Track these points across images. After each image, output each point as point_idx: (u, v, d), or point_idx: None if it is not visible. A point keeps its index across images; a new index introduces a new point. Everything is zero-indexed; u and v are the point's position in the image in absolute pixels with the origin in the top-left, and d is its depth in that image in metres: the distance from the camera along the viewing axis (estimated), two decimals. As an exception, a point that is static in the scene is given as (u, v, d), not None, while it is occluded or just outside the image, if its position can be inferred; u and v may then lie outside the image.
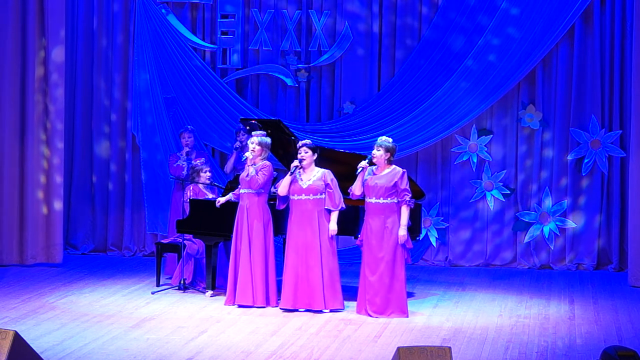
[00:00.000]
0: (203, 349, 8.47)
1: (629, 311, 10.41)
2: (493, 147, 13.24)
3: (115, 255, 13.74)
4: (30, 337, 8.11)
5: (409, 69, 13.17)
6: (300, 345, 8.68)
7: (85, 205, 13.88)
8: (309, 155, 10.23)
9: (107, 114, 13.78)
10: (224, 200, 10.79)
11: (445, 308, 10.47)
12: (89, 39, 13.71)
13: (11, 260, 12.66)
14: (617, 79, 12.91)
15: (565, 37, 12.93)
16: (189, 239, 11.24)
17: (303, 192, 10.18)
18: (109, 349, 8.43)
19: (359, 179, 10.05)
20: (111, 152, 13.79)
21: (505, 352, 8.55)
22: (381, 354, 8.39)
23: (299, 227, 10.16)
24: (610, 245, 13.06)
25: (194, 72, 13.48)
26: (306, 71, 13.52)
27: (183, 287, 11.11)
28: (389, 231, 9.96)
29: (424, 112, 13.09)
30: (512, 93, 13.16)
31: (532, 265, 13.15)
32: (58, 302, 10.45)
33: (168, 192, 13.07)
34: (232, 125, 13.15)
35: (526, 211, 13.15)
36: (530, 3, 12.84)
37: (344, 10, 13.38)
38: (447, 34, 13.07)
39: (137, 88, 13.45)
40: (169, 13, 13.55)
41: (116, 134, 13.77)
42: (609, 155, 12.95)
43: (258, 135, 10.55)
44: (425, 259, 13.37)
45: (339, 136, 13.26)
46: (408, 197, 9.99)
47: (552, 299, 11.02)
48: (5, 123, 12.57)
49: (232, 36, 13.56)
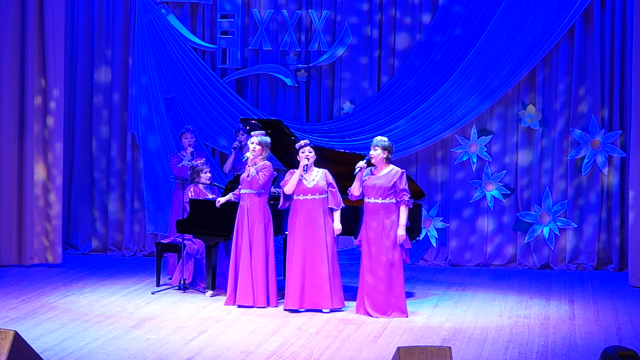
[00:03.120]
0: (203, 349, 8.47)
1: (629, 311, 10.41)
2: (493, 147, 13.24)
3: (115, 255, 13.74)
4: (30, 337, 8.12)
5: (409, 69, 13.17)
6: (300, 345, 8.67)
7: (85, 205, 13.88)
8: (313, 155, 10.24)
9: (107, 114, 13.78)
10: (224, 200, 10.79)
11: (445, 308, 10.47)
12: (89, 39, 13.71)
13: (10, 261, 12.66)
14: (617, 79, 12.91)
15: (565, 36, 12.93)
16: (189, 239, 11.24)
17: (309, 192, 10.16)
18: (109, 349, 8.43)
19: (358, 179, 10.05)
20: (111, 152, 13.79)
21: (505, 352, 8.55)
22: (381, 354, 8.39)
23: (305, 226, 10.13)
24: (610, 245, 13.06)
25: (194, 72, 13.48)
26: (306, 71, 13.52)
27: (183, 287, 11.11)
28: (387, 231, 9.95)
29: (424, 112, 13.09)
30: (512, 93, 13.17)
31: (532, 265, 13.15)
32: (58, 302, 10.45)
33: (168, 192, 13.07)
34: (232, 125, 13.15)
35: (526, 211, 13.16)
36: (531, 3, 12.85)
37: (343, 10, 13.39)
38: (447, 34, 13.07)
39: (137, 88, 13.45)
40: (169, 13, 13.56)
41: (116, 133, 13.77)
42: (609, 155, 12.96)
43: (258, 135, 10.54)
44: (425, 259, 13.37)
45: (338, 136, 13.26)
46: (407, 197, 9.99)
47: (552, 299, 11.01)
48: (4, 122, 12.57)
49: (232, 36, 13.56)
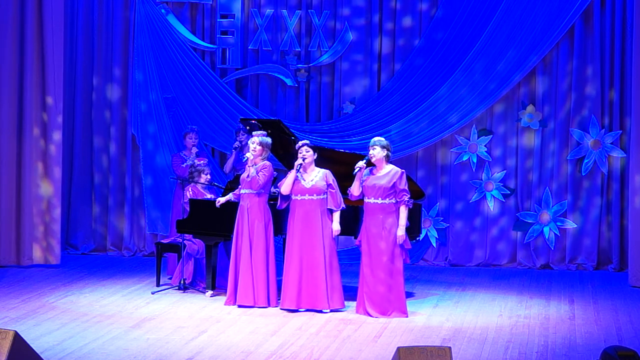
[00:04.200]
0: (203, 349, 8.47)
1: (629, 311, 10.40)
2: (493, 147, 13.24)
3: (115, 255, 13.74)
4: (30, 337, 8.11)
5: (409, 69, 13.17)
6: (300, 345, 8.67)
7: (85, 205, 13.88)
8: (310, 155, 10.24)
9: (107, 114, 13.78)
10: (224, 200, 10.78)
11: (445, 308, 10.47)
12: (89, 38, 13.71)
13: (10, 261, 12.65)
14: (617, 79, 12.91)
15: (565, 36, 12.93)
16: (189, 239, 11.23)
17: (307, 192, 10.17)
18: (109, 349, 8.43)
19: (357, 179, 10.05)
20: (111, 152, 13.79)
21: (505, 352, 8.54)
22: (381, 354, 8.38)
23: (302, 227, 10.14)
24: (610, 245, 13.06)
25: (194, 72, 13.48)
26: (306, 71, 13.52)
27: (183, 287, 11.11)
28: (387, 231, 9.95)
29: (424, 112, 13.09)
30: (512, 93, 13.16)
31: (532, 265, 13.15)
32: (58, 302, 10.45)
33: (168, 192, 13.06)
34: (232, 125, 13.14)
35: (526, 211, 13.15)
36: (531, 3, 12.84)
37: (343, 10, 13.38)
38: (447, 34, 13.07)
39: (137, 88, 13.45)
40: (169, 13, 13.55)
41: (116, 133, 13.77)
42: (609, 155, 12.95)
43: (258, 135, 10.54)
44: (425, 259, 13.37)
45: (338, 136, 13.26)
46: (406, 197, 9.98)
47: (552, 299, 11.01)
48: (3, 122, 12.56)
49: (231, 36, 13.56)
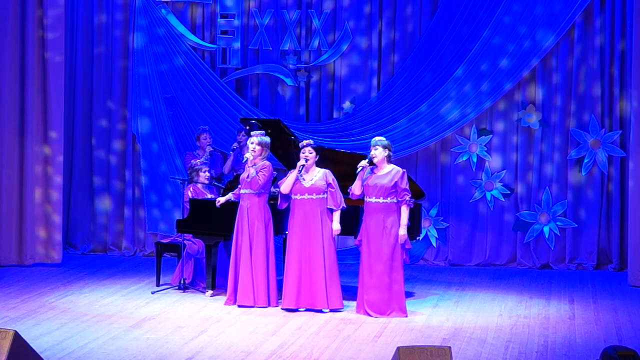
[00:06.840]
0: (203, 349, 8.47)
1: (629, 311, 10.40)
2: (493, 147, 13.24)
3: (115, 255, 13.74)
4: (30, 337, 8.11)
5: (409, 69, 13.17)
6: (300, 345, 8.67)
7: (85, 205, 13.88)
8: (313, 156, 10.23)
9: (107, 114, 13.77)
10: (224, 200, 10.78)
11: (445, 308, 10.47)
12: (89, 38, 13.71)
13: (10, 260, 12.66)
14: (617, 79, 12.91)
15: (565, 36, 12.93)
16: (189, 239, 11.23)
17: (306, 192, 10.17)
18: (109, 349, 8.43)
19: (359, 178, 10.05)
20: (111, 152, 13.79)
21: (505, 352, 8.54)
22: (381, 354, 8.38)
23: (302, 226, 10.14)
24: (610, 245, 13.05)
25: (194, 72, 13.48)
26: (306, 71, 13.52)
27: (183, 287, 11.11)
28: (388, 231, 9.95)
29: (424, 112, 13.09)
30: (512, 93, 13.16)
31: (532, 265, 13.15)
32: (58, 302, 10.45)
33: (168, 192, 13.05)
34: (232, 125, 13.14)
35: (526, 211, 13.15)
36: (531, 2, 12.84)
37: (343, 10, 13.38)
38: (447, 34, 13.07)
39: (137, 88, 13.45)
40: (169, 13, 13.55)
41: (116, 133, 13.77)
42: (609, 155, 12.95)
43: (258, 135, 10.53)
44: (425, 259, 13.37)
45: (338, 136, 13.26)
46: (408, 197, 9.99)
47: (552, 299, 11.01)
48: (4, 122, 12.57)
49: (232, 36, 13.56)
